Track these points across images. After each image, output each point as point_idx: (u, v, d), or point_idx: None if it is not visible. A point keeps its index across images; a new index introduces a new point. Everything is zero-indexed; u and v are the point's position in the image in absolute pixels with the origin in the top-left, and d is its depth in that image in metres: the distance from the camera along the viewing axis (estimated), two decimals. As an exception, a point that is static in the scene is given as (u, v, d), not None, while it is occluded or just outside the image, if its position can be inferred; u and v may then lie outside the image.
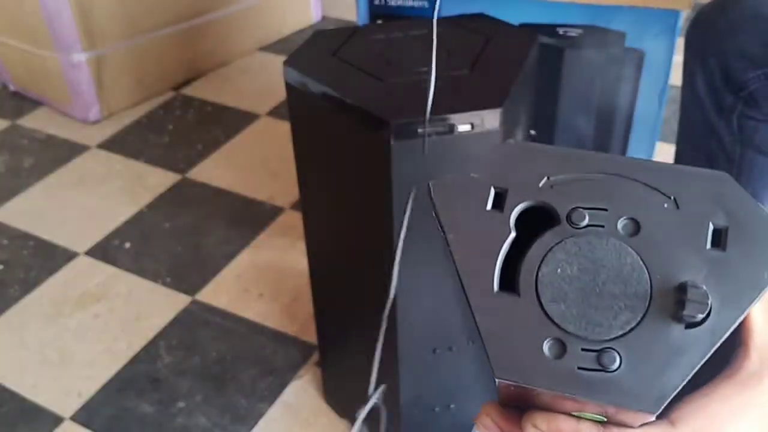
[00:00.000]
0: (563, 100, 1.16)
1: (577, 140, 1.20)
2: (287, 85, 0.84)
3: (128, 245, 1.49)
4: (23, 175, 1.69)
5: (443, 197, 0.26)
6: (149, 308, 1.35)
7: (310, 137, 0.88)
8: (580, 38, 1.11)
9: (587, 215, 0.25)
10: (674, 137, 1.14)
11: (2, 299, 1.38)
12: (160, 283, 1.40)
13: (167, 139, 1.80)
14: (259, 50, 2.16)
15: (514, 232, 0.25)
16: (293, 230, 1.50)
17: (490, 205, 0.26)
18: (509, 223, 0.25)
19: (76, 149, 1.77)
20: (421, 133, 0.72)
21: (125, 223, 1.54)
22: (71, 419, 1.16)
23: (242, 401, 1.18)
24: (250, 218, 1.54)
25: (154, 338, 1.29)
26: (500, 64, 0.82)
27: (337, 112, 0.78)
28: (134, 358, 1.26)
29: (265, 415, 1.16)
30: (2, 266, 1.45)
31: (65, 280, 1.42)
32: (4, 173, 1.70)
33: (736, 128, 1.02)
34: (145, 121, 1.87)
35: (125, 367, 1.24)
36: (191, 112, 1.90)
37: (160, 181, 1.66)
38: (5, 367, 1.25)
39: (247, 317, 1.32)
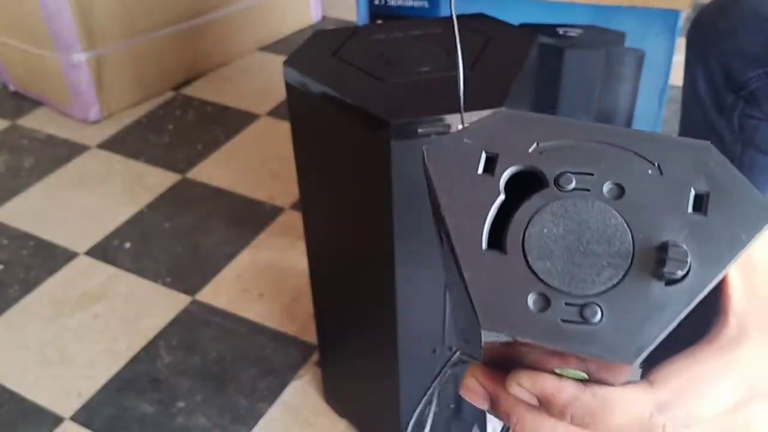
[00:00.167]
0: (563, 100, 1.16)
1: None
2: (287, 85, 0.84)
3: (128, 245, 1.49)
4: (23, 175, 1.69)
5: (436, 161, 0.27)
6: (149, 308, 1.35)
7: (310, 137, 0.88)
8: (580, 38, 1.11)
9: (574, 179, 0.26)
10: (674, 137, 1.14)
11: (2, 299, 1.38)
12: (160, 283, 1.40)
13: (167, 139, 1.80)
14: (259, 50, 2.16)
15: (503, 194, 0.26)
16: (293, 230, 1.50)
17: (481, 169, 0.27)
18: (499, 186, 0.27)
19: (76, 149, 1.77)
20: (422, 132, 0.72)
21: (125, 223, 1.54)
22: (71, 419, 1.16)
23: (242, 401, 1.18)
24: (250, 218, 1.54)
25: (154, 338, 1.29)
26: (500, 64, 0.82)
27: (337, 112, 0.78)
28: (134, 358, 1.26)
29: (265, 415, 1.16)
30: (2, 266, 1.45)
31: (65, 280, 1.42)
32: (4, 173, 1.70)
33: (736, 127, 1.02)
34: (145, 121, 1.87)
35: (125, 367, 1.24)
36: (191, 112, 1.90)
37: (160, 181, 1.66)
38: (5, 367, 1.25)
39: (247, 317, 1.32)
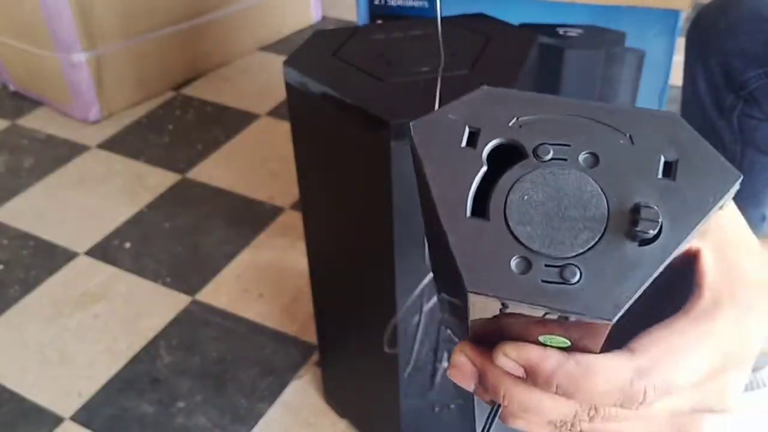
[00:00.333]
0: (563, 100, 1.16)
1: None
2: (287, 85, 0.84)
3: (128, 245, 1.49)
4: (23, 175, 1.69)
5: (422, 135, 0.29)
6: (149, 308, 1.35)
7: (310, 137, 0.88)
8: (580, 38, 1.11)
9: (552, 150, 0.28)
10: (674, 137, 1.14)
11: (2, 299, 1.38)
12: (160, 283, 1.40)
13: (167, 139, 1.80)
14: (259, 50, 2.16)
15: (485, 166, 0.28)
16: (293, 230, 1.50)
17: (464, 142, 0.28)
18: (482, 158, 0.28)
19: (76, 149, 1.77)
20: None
21: (125, 223, 1.54)
22: (71, 419, 1.16)
23: (242, 401, 1.18)
24: (250, 218, 1.54)
25: (154, 338, 1.29)
26: (500, 64, 0.82)
27: (337, 112, 0.78)
28: (134, 358, 1.26)
29: (265, 415, 1.16)
30: (2, 266, 1.45)
31: (65, 280, 1.42)
32: (4, 173, 1.70)
33: (736, 127, 1.02)
34: (145, 121, 1.87)
35: (125, 367, 1.24)
36: (191, 112, 1.90)
37: (160, 181, 1.66)
38: (5, 367, 1.25)
39: (247, 317, 1.32)
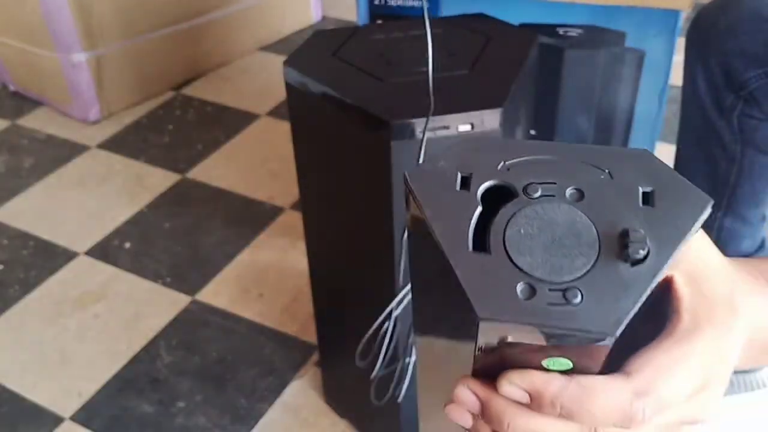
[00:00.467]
0: (563, 100, 1.16)
1: (577, 140, 1.19)
2: (287, 85, 0.84)
3: (128, 245, 1.49)
4: (23, 175, 1.69)
5: (418, 182, 0.31)
6: (149, 308, 1.35)
7: (310, 137, 0.88)
8: (580, 38, 1.11)
9: (540, 188, 0.30)
10: (674, 137, 1.14)
11: (2, 299, 1.38)
12: (160, 283, 1.40)
13: (167, 139, 1.80)
14: (259, 50, 2.16)
15: (480, 205, 0.30)
16: (293, 230, 1.50)
17: (458, 186, 0.31)
18: (476, 198, 0.30)
19: (76, 149, 1.77)
20: (419, 133, 0.72)
21: (125, 223, 1.54)
22: (71, 419, 1.16)
23: (242, 401, 1.18)
24: (250, 218, 1.54)
25: (154, 338, 1.29)
26: (500, 64, 0.82)
27: (337, 112, 0.78)
28: (134, 358, 1.26)
29: (265, 415, 1.16)
30: (2, 266, 1.45)
31: (65, 280, 1.42)
32: (4, 173, 1.70)
33: (736, 127, 1.02)
34: (145, 121, 1.87)
35: (125, 367, 1.24)
36: (191, 112, 1.90)
37: (160, 181, 1.66)
38: (5, 367, 1.26)
39: (247, 317, 1.32)
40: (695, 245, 0.35)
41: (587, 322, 0.27)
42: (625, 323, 0.27)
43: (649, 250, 0.28)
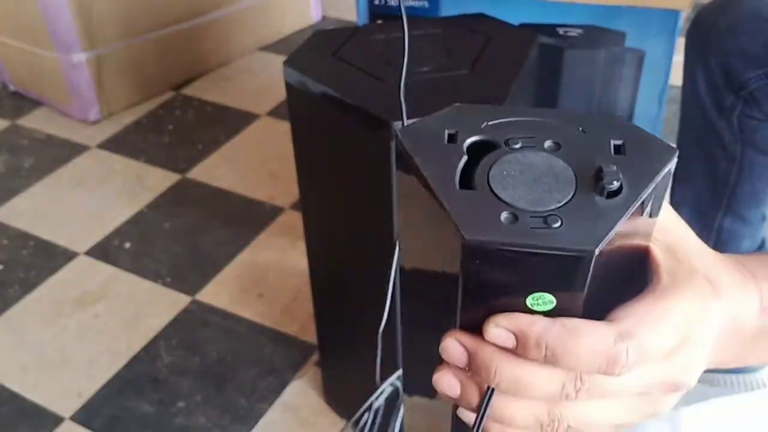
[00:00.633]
0: (563, 100, 1.16)
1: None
2: (287, 85, 0.84)
3: (128, 245, 1.49)
4: (23, 175, 1.69)
5: (408, 138, 0.34)
6: (149, 308, 1.35)
7: (310, 137, 0.88)
8: (580, 38, 1.11)
9: (520, 141, 0.33)
10: (674, 137, 1.14)
11: (2, 299, 1.38)
12: (160, 283, 1.40)
13: (167, 139, 1.80)
14: (259, 50, 2.16)
15: (466, 155, 0.33)
16: (293, 230, 1.50)
17: (446, 141, 0.34)
18: (462, 149, 0.33)
19: (76, 149, 1.77)
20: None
21: (125, 223, 1.54)
22: (71, 419, 1.16)
23: (242, 401, 1.18)
24: (250, 218, 1.54)
25: (154, 338, 1.29)
26: (500, 64, 0.82)
27: (337, 112, 0.78)
28: (134, 358, 1.26)
29: (265, 415, 1.16)
30: (2, 266, 1.45)
31: (65, 280, 1.42)
32: (4, 173, 1.70)
33: (736, 128, 1.02)
34: (145, 121, 1.87)
35: (125, 367, 1.24)
36: (191, 112, 1.90)
37: (160, 181, 1.66)
38: (5, 367, 1.26)
39: (247, 317, 1.32)
40: (673, 225, 0.37)
41: (569, 241, 0.29)
42: (604, 242, 0.29)
43: (622, 184, 0.31)
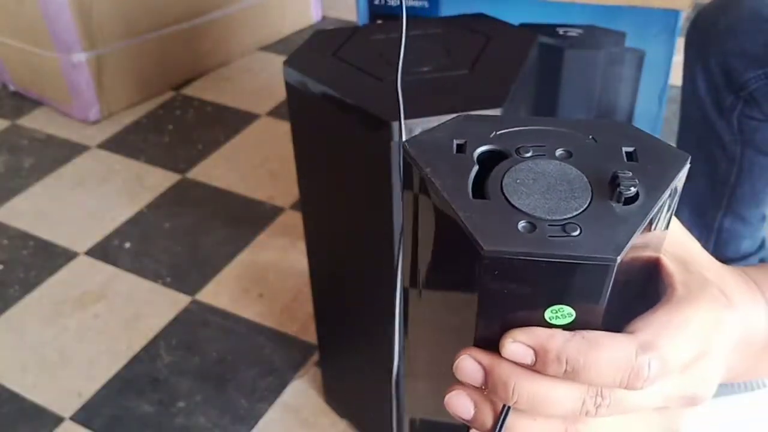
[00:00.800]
0: (563, 100, 1.16)
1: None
2: (287, 85, 0.84)
3: (128, 245, 1.49)
4: (23, 175, 1.69)
5: (417, 149, 0.33)
6: (149, 308, 1.35)
7: (310, 137, 0.88)
8: (580, 38, 1.11)
9: (531, 149, 0.32)
10: (674, 137, 1.14)
11: (2, 299, 1.38)
12: (160, 283, 1.40)
13: (167, 139, 1.80)
14: (259, 50, 2.16)
15: (477, 165, 0.32)
16: (293, 230, 1.50)
17: (455, 152, 0.33)
18: (473, 159, 0.32)
19: (76, 149, 1.77)
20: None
21: (125, 223, 1.54)
22: (71, 419, 1.16)
23: (242, 401, 1.18)
24: (250, 218, 1.54)
25: (154, 338, 1.29)
26: (500, 64, 0.82)
27: (337, 112, 0.78)
28: (134, 358, 1.26)
29: (265, 415, 1.16)
30: (2, 266, 1.45)
31: (65, 280, 1.42)
32: (4, 173, 1.70)
33: (736, 128, 1.02)
34: (145, 121, 1.87)
35: (125, 367, 1.24)
36: (191, 112, 1.90)
37: (160, 181, 1.66)
38: (5, 367, 1.26)
39: (247, 317, 1.32)
40: (682, 237, 0.36)
41: (589, 249, 0.28)
42: (626, 249, 0.28)
43: (638, 190, 0.30)
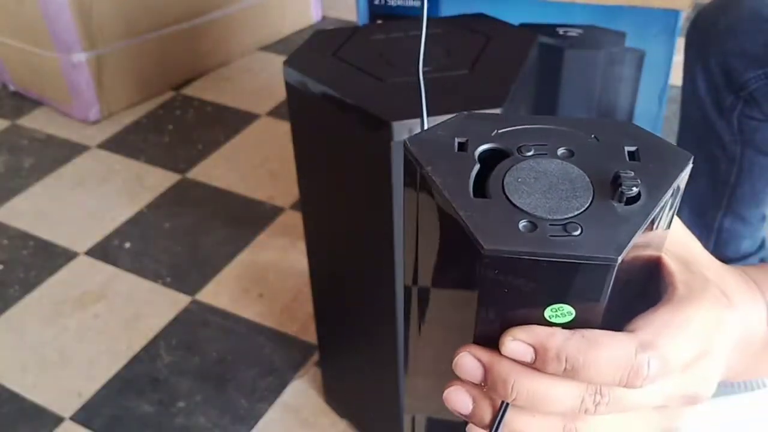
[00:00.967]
0: (563, 100, 1.16)
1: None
2: (287, 85, 0.84)
3: (128, 245, 1.49)
4: (23, 175, 1.69)
5: (418, 147, 0.32)
6: (149, 308, 1.35)
7: (310, 137, 0.88)
8: (580, 38, 1.11)
9: (532, 148, 0.32)
10: (674, 137, 1.14)
11: (2, 299, 1.38)
12: (160, 283, 1.40)
13: (167, 139, 1.80)
14: (259, 50, 2.16)
15: (478, 164, 0.32)
16: (293, 230, 1.50)
17: (456, 150, 0.33)
18: (474, 157, 0.32)
19: (76, 149, 1.77)
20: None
21: (125, 223, 1.54)
22: (71, 419, 1.16)
23: (242, 401, 1.18)
24: (250, 218, 1.54)
25: (154, 338, 1.29)
26: (500, 64, 0.82)
27: (337, 112, 0.78)
28: (134, 358, 1.26)
29: (265, 415, 1.16)
30: (2, 266, 1.45)
31: (65, 280, 1.42)
32: (4, 173, 1.70)
33: (736, 128, 1.02)
34: (145, 121, 1.87)
35: (125, 367, 1.24)
36: (191, 112, 1.90)
37: (160, 181, 1.66)
38: (5, 367, 1.26)
39: (247, 317, 1.32)
40: (684, 239, 0.36)
41: (591, 249, 0.28)
42: (627, 249, 0.28)
43: (640, 190, 0.30)
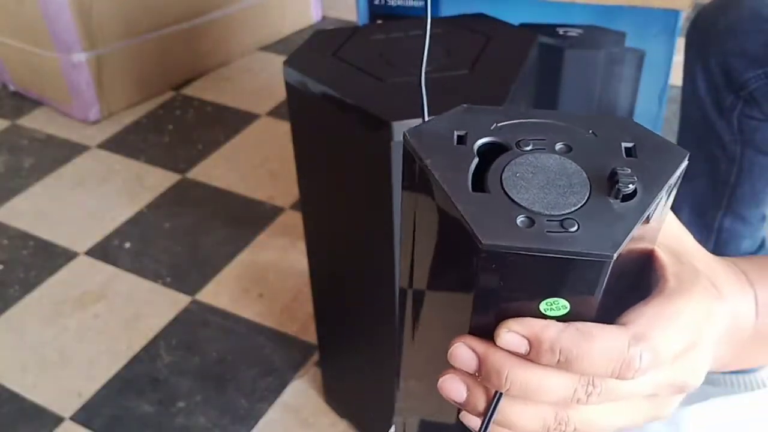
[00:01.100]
0: (563, 100, 1.16)
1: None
2: (287, 85, 0.84)
3: (128, 245, 1.49)
4: (23, 175, 1.69)
5: (417, 139, 0.33)
6: (149, 308, 1.35)
7: (310, 137, 0.88)
8: (580, 38, 1.11)
9: (531, 143, 0.33)
10: (674, 137, 1.14)
11: (2, 299, 1.38)
12: (160, 283, 1.40)
13: (167, 139, 1.80)
14: (259, 50, 2.16)
15: (477, 158, 0.32)
16: (293, 230, 1.50)
17: (455, 142, 0.33)
18: (473, 151, 0.32)
19: (76, 149, 1.77)
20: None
21: (125, 223, 1.54)
22: (71, 419, 1.16)
23: (242, 401, 1.18)
24: (250, 218, 1.54)
25: (154, 338, 1.29)
26: (500, 64, 0.82)
27: (337, 112, 0.78)
28: (134, 358, 1.26)
29: (265, 415, 1.16)
30: (2, 266, 1.45)
31: (65, 280, 1.42)
32: (4, 173, 1.70)
33: (736, 128, 1.02)
34: (145, 121, 1.87)
35: (125, 367, 1.24)
36: (191, 112, 1.90)
37: (160, 181, 1.66)
38: (5, 367, 1.26)
39: (247, 317, 1.32)
40: (677, 232, 0.37)
41: (587, 245, 0.29)
42: (623, 246, 0.29)
43: (636, 188, 0.30)
